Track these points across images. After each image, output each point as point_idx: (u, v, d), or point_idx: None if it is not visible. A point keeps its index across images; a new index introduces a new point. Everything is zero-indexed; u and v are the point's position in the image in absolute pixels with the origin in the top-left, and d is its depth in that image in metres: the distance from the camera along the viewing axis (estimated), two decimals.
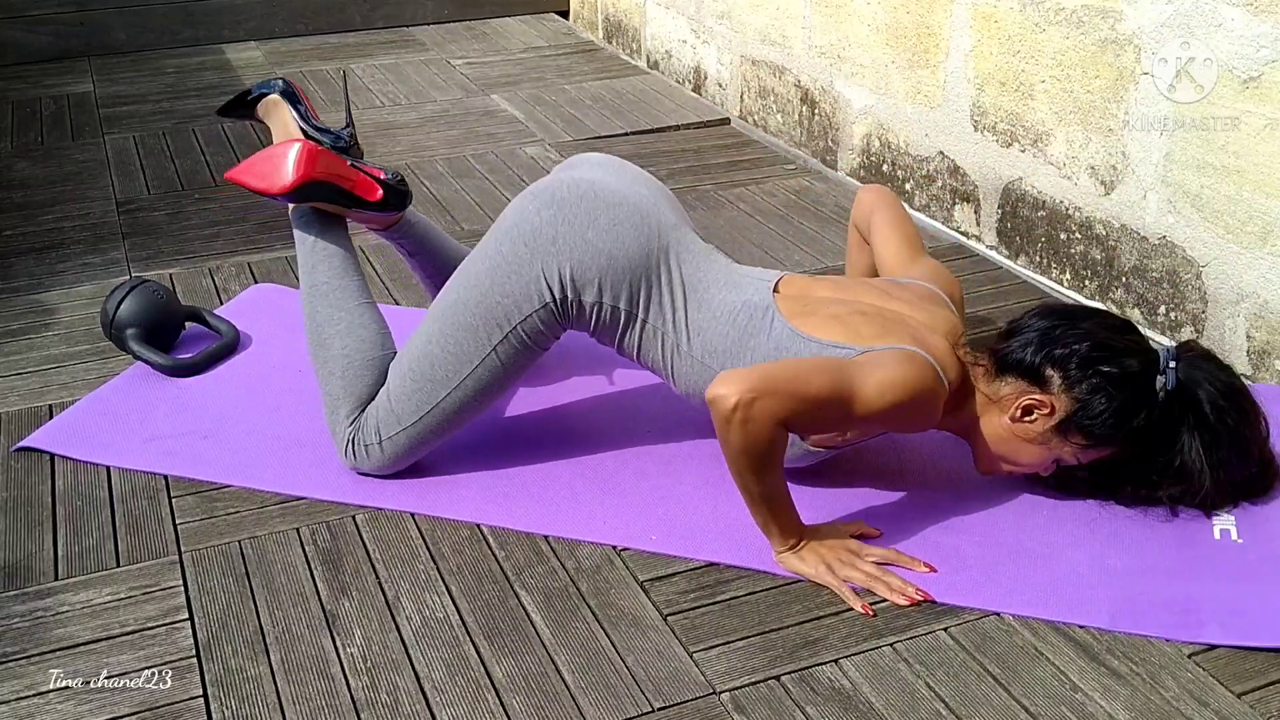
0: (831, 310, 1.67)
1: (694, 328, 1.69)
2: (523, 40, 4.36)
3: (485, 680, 1.44)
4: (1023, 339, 1.64)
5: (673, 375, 1.73)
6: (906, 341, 1.60)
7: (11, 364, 2.16)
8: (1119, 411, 1.58)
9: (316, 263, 1.85)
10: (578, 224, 1.68)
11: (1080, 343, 1.59)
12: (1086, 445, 1.62)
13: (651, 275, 1.69)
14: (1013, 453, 1.66)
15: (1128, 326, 1.67)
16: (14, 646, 1.50)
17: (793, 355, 1.63)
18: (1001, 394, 1.64)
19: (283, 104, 1.98)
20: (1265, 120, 1.96)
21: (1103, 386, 1.58)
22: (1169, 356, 1.61)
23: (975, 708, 1.39)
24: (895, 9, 2.76)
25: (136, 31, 4.21)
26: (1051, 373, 1.60)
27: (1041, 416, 1.61)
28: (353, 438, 1.75)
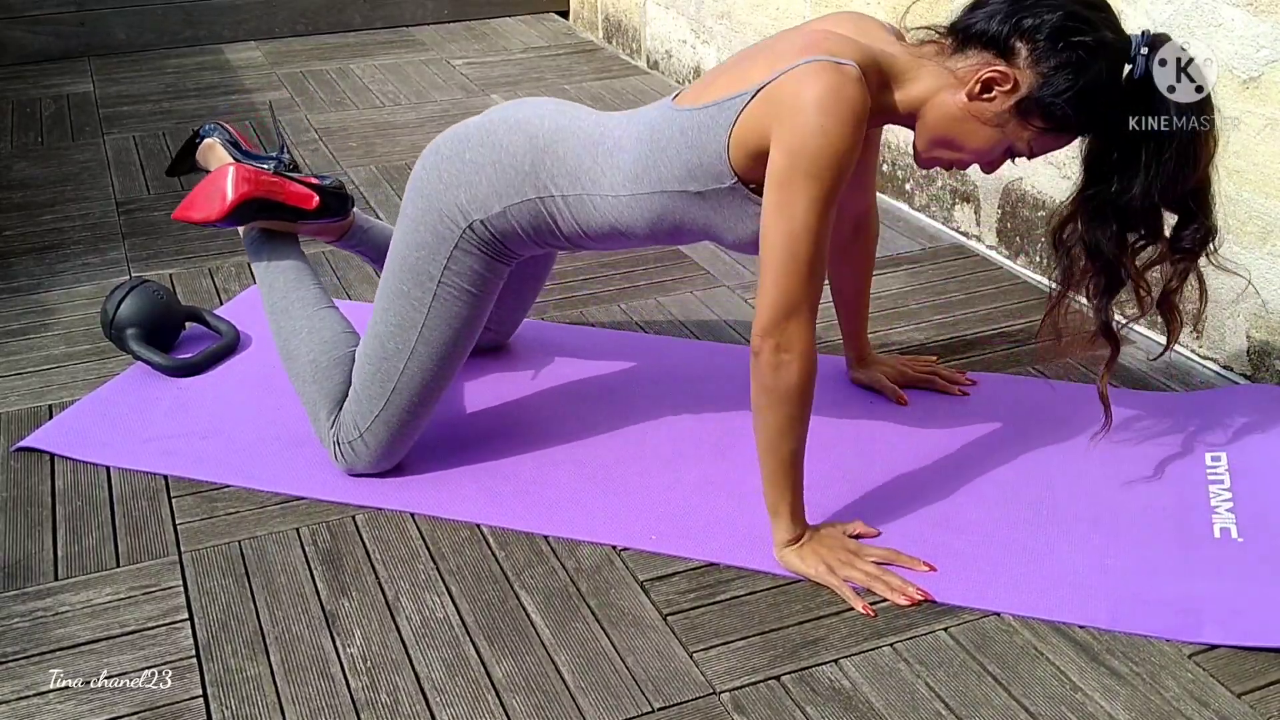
0: (722, 77, 1.59)
1: (610, 172, 1.65)
2: (523, 40, 4.36)
3: (485, 680, 1.44)
4: (989, 9, 1.52)
5: (628, 228, 1.68)
6: (792, 60, 1.50)
7: (11, 364, 2.16)
8: (1085, 89, 1.48)
9: (273, 282, 1.89)
10: (453, 154, 1.69)
11: (1052, 13, 1.48)
12: (1044, 129, 1.53)
13: (546, 156, 1.67)
14: (962, 135, 1.55)
15: (1103, 4, 1.54)
16: (14, 646, 1.50)
17: (696, 128, 1.57)
18: (958, 69, 1.53)
19: (216, 144, 2.05)
20: (1265, 120, 1.96)
21: (1071, 61, 1.48)
22: (1141, 42, 1.51)
23: (975, 708, 1.39)
24: (895, 9, 2.75)
25: (136, 31, 4.21)
26: (1019, 44, 1.49)
27: (1001, 93, 1.51)
28: (337, 438, 1.76)
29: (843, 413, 1.97)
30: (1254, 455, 1.82)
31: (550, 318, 2.33)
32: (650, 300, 2.39)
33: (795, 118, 1.46)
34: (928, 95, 1.56)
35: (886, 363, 2.06)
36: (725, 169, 1.56)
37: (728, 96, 1.55)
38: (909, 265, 2.55)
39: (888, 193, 2.93)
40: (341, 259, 2.54)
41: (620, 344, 2.21)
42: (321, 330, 1.82)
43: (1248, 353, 2.07)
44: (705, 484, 1.78)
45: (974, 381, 2.05)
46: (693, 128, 1.58)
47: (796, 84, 1.47)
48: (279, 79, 3.90)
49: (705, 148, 1.57)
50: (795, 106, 1.46)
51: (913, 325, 2.28)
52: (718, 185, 1.58)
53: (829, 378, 2.07)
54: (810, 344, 1.50)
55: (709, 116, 1.57)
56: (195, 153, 2.09)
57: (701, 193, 1.60)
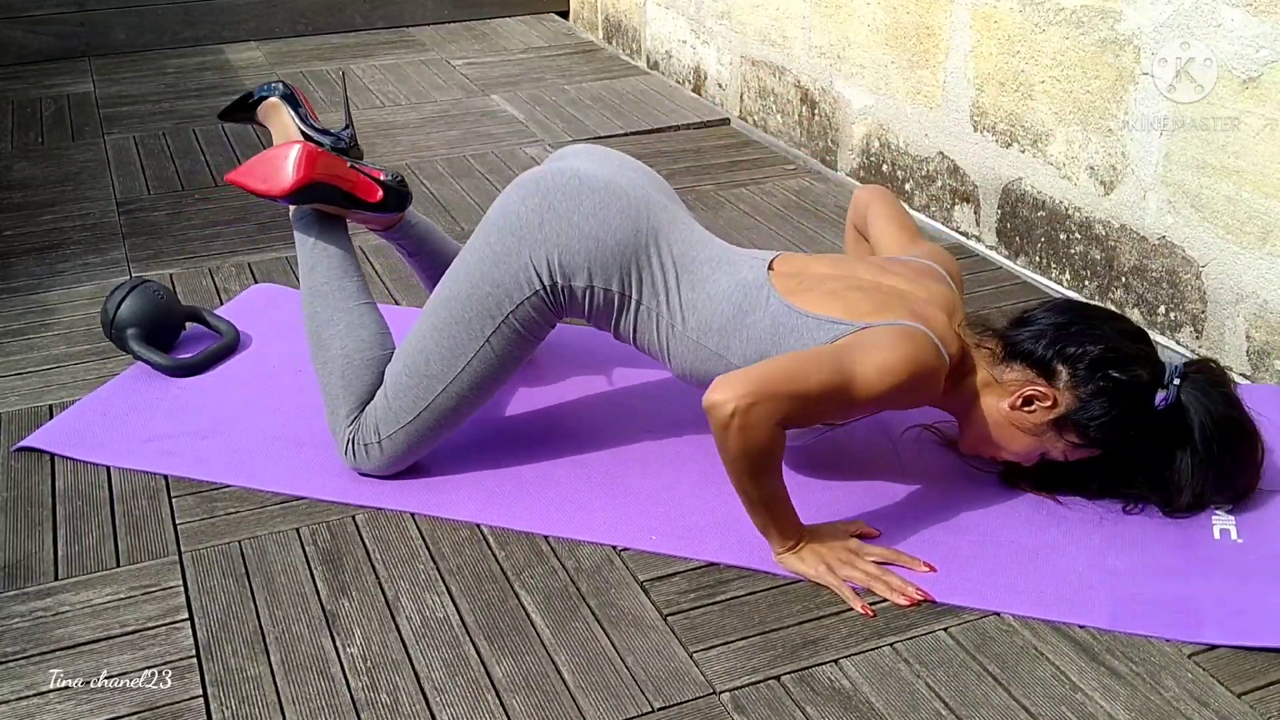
0: (828, 286, 1.67)
1: (688, 307, 1.69)
2: (523, 40, 4.36)
3: (485, 680, 1.44)
4: (1036, 329, 1.64)
5: (669, 357, 1.73)
6: (904, 316, 1.60)
7: (11, 364, 2.16)
8: (1117, 418, 1.59)
9: (316, 263, 1.85)
10: (563, 210, 1.68)
11: (1095, 344, 1.60)
12: (1077, 444, 1.63)
13: (641, 256, 1.69)
14: (1003, 439, 1.66)
15: (1141, 335, 1.67)
16: (14, 646, 1.50)
17: (788, 331, 1.62)
18: (1005, 379, 1.64)
19: (282, 107, 1.99)
20: (1265, 120, 1.96)
21: (1107, 391, 1.58)
22: (1174, 373, 1.61)
23: (975, 708, 1.39)
24: (895, 9, 2.76)
25: (136, 31, 4.21)
26: (1060, 368, 1.61)
27: (1041, 408, 1.61)
28: (353, 437, 1.76)
29: None
30: None
31: None
32: None
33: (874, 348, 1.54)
34: (975, 396, 1.67)
35: None
36: None
37: (829, 317, 1.62)
38: None
39: None
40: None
41: (620, 344, 2.21)
42: (359, 328, 1.80)
43: (1248, 353, 2.07)
44: (705, 484, 1.78)
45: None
46: (785, 326, 1.64)
47: (894, 335, 1.56)
48: (279, 79, 3.89)
49: (786, 347, 1.62)
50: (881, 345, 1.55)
51: None
52: None
53: None
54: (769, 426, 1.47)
55: (805, 325, 1.62)
56: (257, 106, 2.01)
57: None
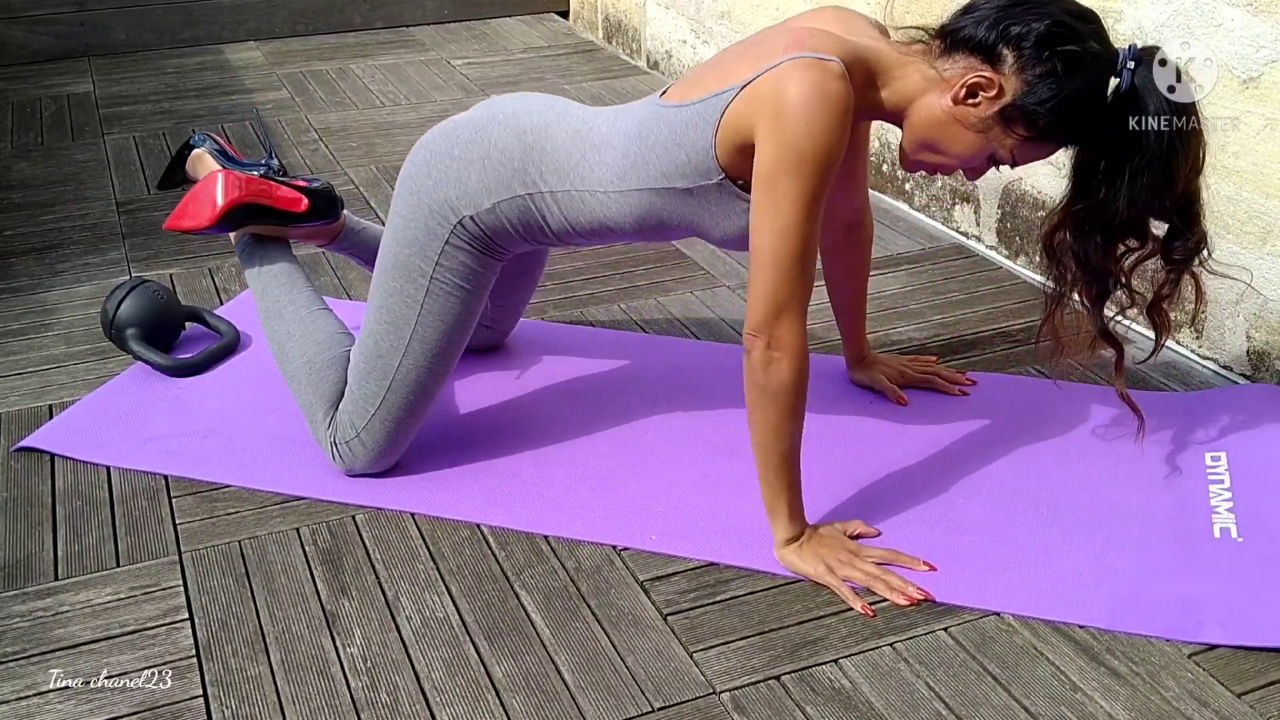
0: (708, 74, 1.60)
1: (599, 167, 1.65)
2: (523, 40, 4.36)
3: (485, 680, 1.44)
4: (978, 14, 1.52)
5: (613, 223, 1.68)
6: (776, 57, 1.50)
7: (11, 364, 2.16)
8: (1068, 99, 1.49)
9: (265, 286, 1.90)
10: (443, 150, 1.70)
11: (1039, 21, 1.48)
12: (1027, 137, 1.52)
13: (534, 152, 1.67)
14: (946, 139, 1.55)
15: (1091, 15, 1.53)
16: (14, 646, 1.50)
17: (683, 126, 1.58)
18: (945, 72, 1.53)
19: (205, 155, 2.06)
20: (1265, 120, 1.96)
21: (1056, 70, 1.48)
22: (1128, 55, 1.50)
23: (975, 708, 1.39)
24: (895, 9, 2.75)
25: (136, 31, 4.21)
26: (1005, 51, 1.50)
27: (986, 99, 1.51)
28: (334, 439, 1.76)
29: (843, 413, 1.97)
30: (1254, 455, 1.82)
31: (550, 318, 2.33)
32: (650, 300, 2.39)
33: (779, 114, 1.46)
34: (914, 96, 1.56)
35: (886, 363, 2.06)
36: (712, 165, 1.57)
37: (713, 93, 1.55)
38: (909, 265, 2.55)
39: (887, 193, 2.93)
40: (341, 260, 2.54)
41: (620, 344, 2.21)
42: (314, 332, 1.82)
43: (1248, 353, 2.07)
44: (705, 484, 1.78)
45: (974, 381, 2.05)
46: (680, 124, 1.58)
47: (780, 80, 1.47)
48: (279, 79, 3.90)
49: (692, 144, 1.57)
50: (779, 103, 1.46)
51: (913, 325, 2.28)
52: (705, 182, 1.58)
53: (829, 377, 2.07)
54: (802, 341, 1.50)
55: (695, 114, 1.57)
56: (185, 164, 2.09)
57: (689, 189, 1.60)
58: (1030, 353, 2.16)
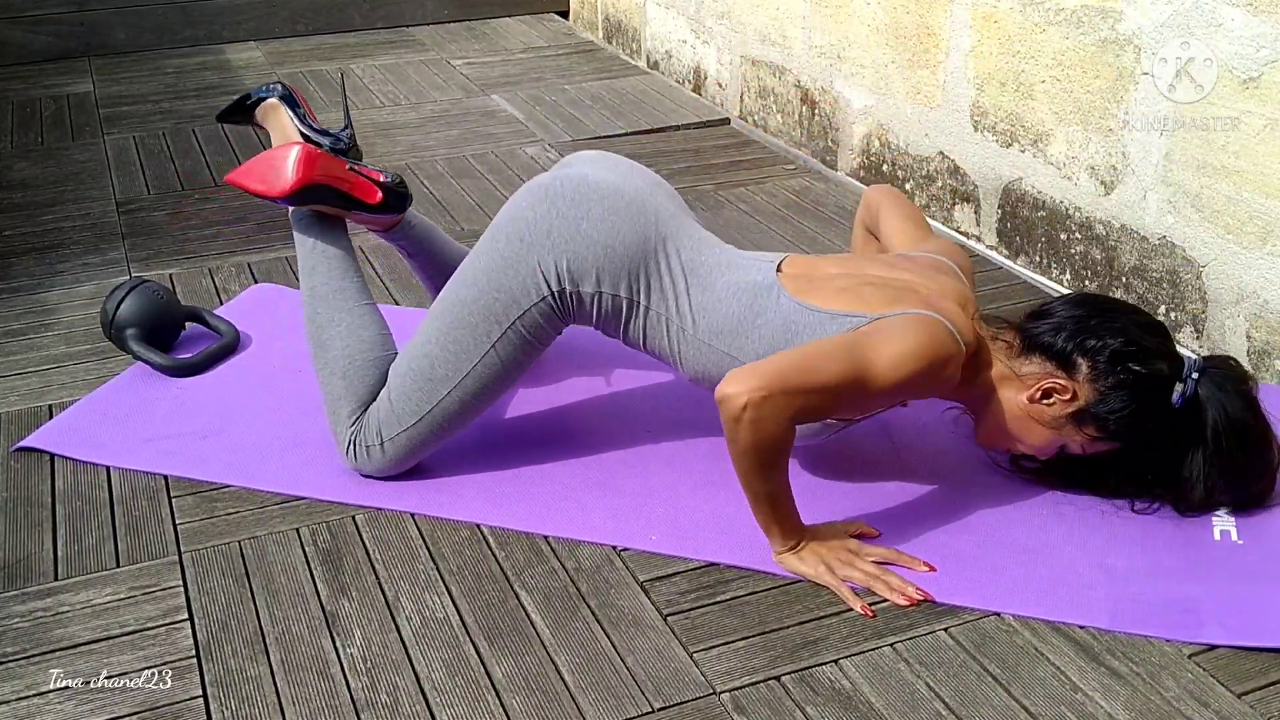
0: (838, 284, 1.66)
1: (698, 310, 1.68)
2: (523, 40, 4.36)
3: (485, 680, 1.44)
4: (1055, 322, 1.64)
5: (680, 360, 1.72)
6: (918, 306, 1.60)
7: (11, 364, 2.16)
8: (1136, 412, 1.59)
9: (316, 265, 1.85)
10: (571, 216, 1.68)
11: (1114, 337, 1.60)
12: (1096, 437, 1.62)
13: (650, 262, 1.69)
14: (1021, 431, 1.66)
15: (1159, 327, 1.66)
16: (14, 646, 1.50)
17: (800, 328, 1.62)
18: (1023, 371, 1.63)
19: (281, 108, 1.98)
20: (1265, 120, 1.96)
21: (1127, 384, 1.58)
22: (1193, 367, 1.61)
23: (975, 708, 1.39)
24: (895, 9, 2.76)
25: (136, 31, 4.21)
26: (1080, 360, 1.60)
27: (1060, 401, 1.61)
28: (354, 439, 1.75)
29: None
30: None
31: None
32: None
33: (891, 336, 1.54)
34: (993, 389, 1.66)
35: None
36: None
37: (842, 312, 1.61)
38: None
39: None
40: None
41: (620, 344, 2.21)
42: (360, 329, 1.79)
43: (1248, 353, 2.07)
44: (705, 484, 1.78)
45: None
46: (797, 324, 1.63)
47: (909, 323, 1.56)
48: (279, 79, 3.89)
49: (798, 344, 1.61)
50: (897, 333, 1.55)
51: None
52: None
53: None
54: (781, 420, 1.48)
55: (818, 321, 1.62)
56: (255, 108, 2.01)
57: None
58: None
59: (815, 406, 1.50)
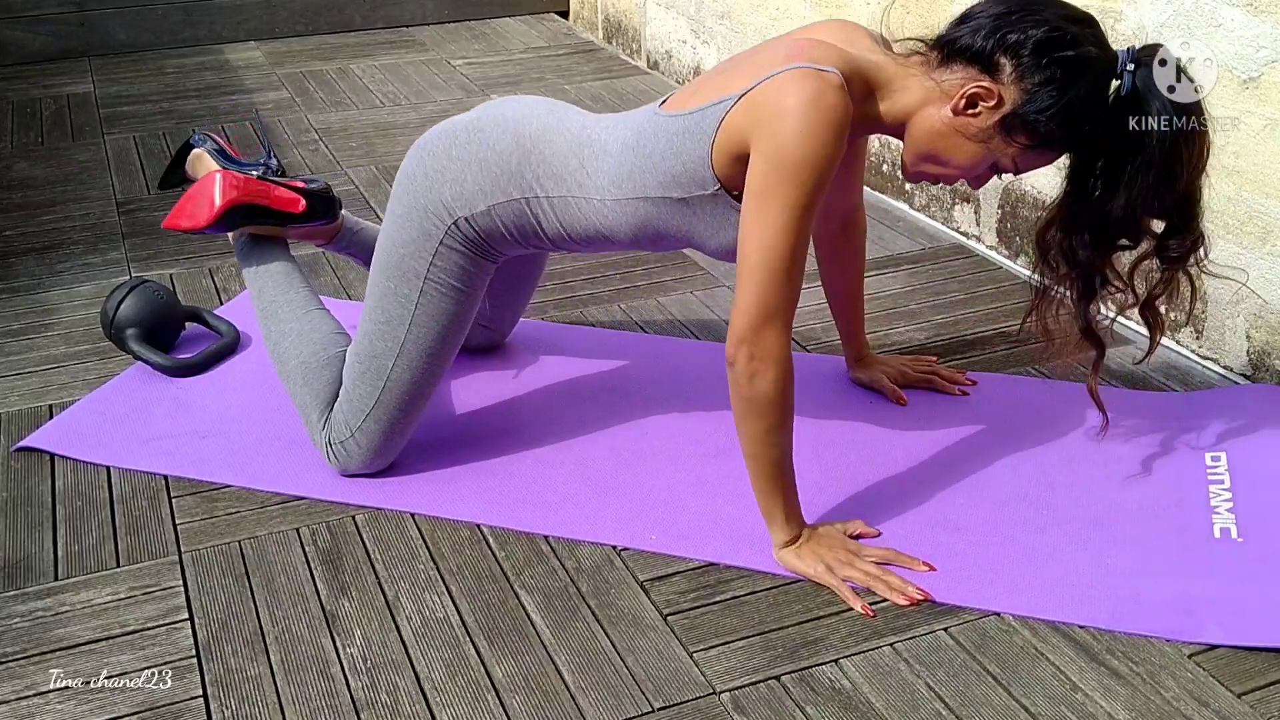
0: (707, 84, 1.60)
1: (595, 174, 1.65)
2: (523, 40, 4.36)
3: (485, 680, 1.44)
4: (974, 24, 1.52)
5: (609, 231, 1.69)
6: (774, 67, 1.50)
7: (11, 364, 2.16)
8: (1068, 107, 1.48)
9: (262, 286, 1.89)
10: (440, 150, 1.69)
11: (1038, 28, 1.47)
12: (1028, 145, 1.52)
13: (532, 156, 1.67)
14: (947, 150, 1.55)
15: (1089, 19, 1.52)
16: (14, 646, 1.50)
17: (680, 135, 1.58)
18: (944, 83, 1.53)
19: (204, 154, 2.06)
20: (1265, 120, 1.96)
21: (1056, 77, 1.47)
22: (1128, 58, 1.49)
23: (975, 708, 1.39)
24: (895, 9, 2.75)
25: (136, 31, 4.21)
26: (1003, 60, 1.49)
27: (986, 109, 1.51)
28: (329, 439, 1.76)
29: (843, 413, 1.97)
30: (1254, 455, 1.82)
31: (550, 318, 2.33)
32: (650, 300, 2.39)
33: (776, 124, 1.46)
34: (914, 108, 1.56)
35: (886, 363, 2.06)
36: (708, 175, 1.56)
37: (711, 103, 1.55)
38: (909, 265, 2.55)
39: (888, 193, 2.93)
40: (340, 260, 2.54)
41: (620, 344, 2.21)
42: (310, 332, 1.82)
43: (1248, 353, 2.07)
44: (705, 484, 1.78)
45: (974, 382, 2.04)
46: (677, 134, 1.58)
47: (778, 90, 1.47)
48: (279, 79, 3.90)
49: (689, 154, 1.57)
50: (776, 113, 1.46)
51: (913, 325, 2.28)
52: (701, 192, 1.58)
53: (829, 377, 2.07)
54: (786, 351, 1.49)
55: (693, 123, 1.57)
56: (185, 164, 2.10)
57: (685, 199, 1.60)
58: (1030, 353, 2.16)
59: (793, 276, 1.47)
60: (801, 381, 2.04)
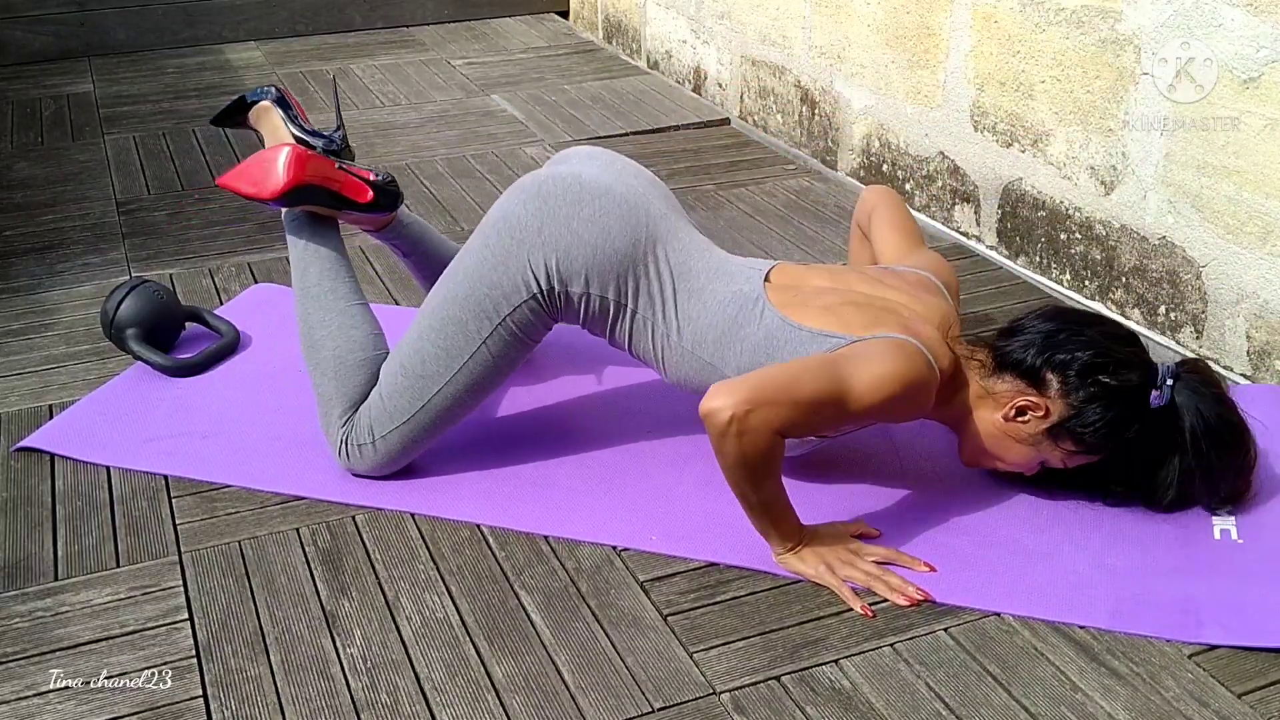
0: (823, 301, 1.67)
1: (683, 317, 1.69)
2: (523, 40, 4.36)
3: (485, 680, 1.44)
4: (1025, 339, 1.64)
5: (663, 365, 1.73)
6: (897, 330, 1.60)
7: (11, 364, 2.16)
8: (1112, 423, 1.59)
9: (308, 265, 1.86)
10: (562, 215, 1.68)
11: (1083, 350, 1.59)
12: (1075, 451, 1.62)
13: (639, 265, 1.69)
14: (1000, 450, 1.66)
15: (1131, 338, 1.66)
16: (14, 646, 1.50)
17: (782, 344, 1.63)
18: (996, 390, 1.64)
19: (273, 110, 1.99)
20: (1265, 120, 1.96)
21: (1100, 396, 1.58)
22: (1167, 373, 1.61)
23: (975, 708, 1.39)
24: (895, 9, 2.76)
25: (136, 31, 4.21)
26: (1050, 376, 1.60)
27: (1035, 419, 1.61)
28: (346, 438, 1.76)
29: None
30: None
31: None
32: None
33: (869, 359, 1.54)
34: (970, 409, 1.67)
35: None
36: None
37: (823, 331, 1.62)
38: None
39: None
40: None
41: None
42: (351, 328, 1.80)
43: (1248, 353, 2.07)
44: (705, 484, 1.78)
45: None
46: (779, 339, 1.64)
47: (887, 349, 1.56)
48: (279, 79, 3.90)
49: (779, 359, 1.62)
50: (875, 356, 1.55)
51: None
52: None
53: None
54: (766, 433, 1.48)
55: (799, 339, 1.63)
56: (249, 111, 2.02)
57: None
58: None
59: (796, 420, 1.50)
60: None
